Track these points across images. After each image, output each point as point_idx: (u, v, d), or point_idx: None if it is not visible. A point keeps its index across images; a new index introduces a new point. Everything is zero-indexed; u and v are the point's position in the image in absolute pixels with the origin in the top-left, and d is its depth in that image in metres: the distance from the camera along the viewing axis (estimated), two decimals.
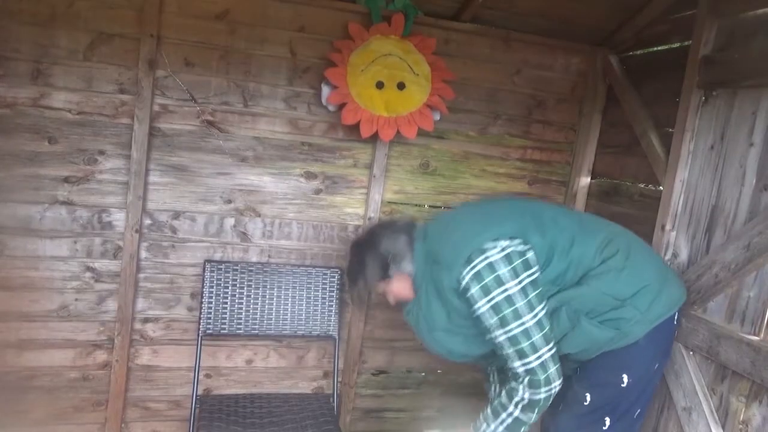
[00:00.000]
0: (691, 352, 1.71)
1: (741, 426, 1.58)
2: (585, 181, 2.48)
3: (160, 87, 2.05)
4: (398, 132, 2.18)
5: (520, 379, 1.56)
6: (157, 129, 2.07)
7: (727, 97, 1.73)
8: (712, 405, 1.66)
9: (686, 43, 1.92)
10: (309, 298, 2.25)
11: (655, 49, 2.24)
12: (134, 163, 2.04)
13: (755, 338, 1.55)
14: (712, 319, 1.68)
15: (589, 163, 2.47)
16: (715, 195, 1.75)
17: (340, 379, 2.37)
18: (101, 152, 2.03)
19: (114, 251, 2.10)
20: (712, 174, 1.76)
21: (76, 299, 2.10)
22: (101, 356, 2.16)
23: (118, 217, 2.09)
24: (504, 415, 1.60)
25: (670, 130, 1.94)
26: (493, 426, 1.62)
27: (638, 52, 2.32)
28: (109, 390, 2.17)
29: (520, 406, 1.57)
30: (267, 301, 2.21)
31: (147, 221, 2.12)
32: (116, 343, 2.14)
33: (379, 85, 2.13)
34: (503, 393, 1.62)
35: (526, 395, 1.55)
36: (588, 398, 1.66)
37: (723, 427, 1.62)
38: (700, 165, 1.82)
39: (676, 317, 1.67)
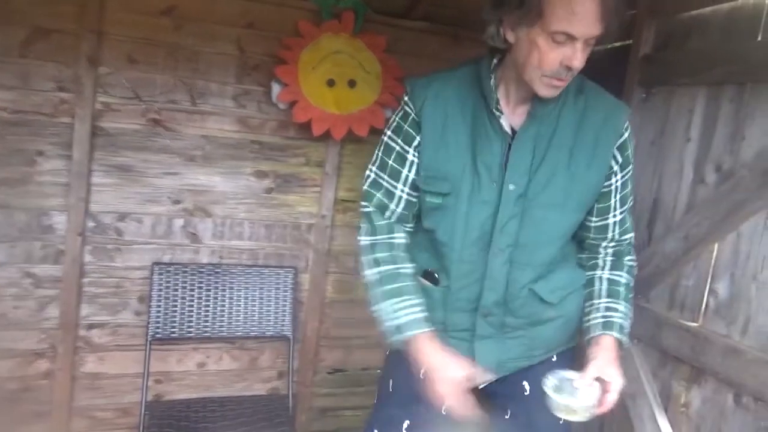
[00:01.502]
0: (635, 340, 1.78)
1: (682, 409, 1.65)
2: None
3: (102, 85, 1.98)
4: (350, 130, 2.17)
5: (631, 250, 1.40)
6: (99, 128, 2.00)
7: (666, 95, 1.80)
8: (654, 390, 1.72)
9: (627, 42, 1.98)
10: (262, 298, 2.23)
11: (597, 47, 2.31)
12: (76, 164, 1.97)
13: (694, 324, 1.62)
14: (654, 307, 1.75)
15: None
16: (656, 188, 1.82)
17: (295, 379, 2.34)
18: (40, 153, 1.95)
19: (55, 256, 2.02)
20: (653, 168, 1.84)
21: (15, 307, 2.00)
22: (43, 365, 2.07)
23: (59, 220, 2.00)
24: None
25: None
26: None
27: None
28: (52, 400, 2.09)
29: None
30: (219, 303, 2.17)
31: (90, 224, 2.05)
32: (59, 351, 2.06)
33: (330, 83, 2.13)
34: (624, 273, 1.36)
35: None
36: None
37: (666, 411, 1.69)
38: (641, 160, 1.88)
39: None
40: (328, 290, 2.40)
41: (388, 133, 1.35)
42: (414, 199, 1.35)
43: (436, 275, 1.35)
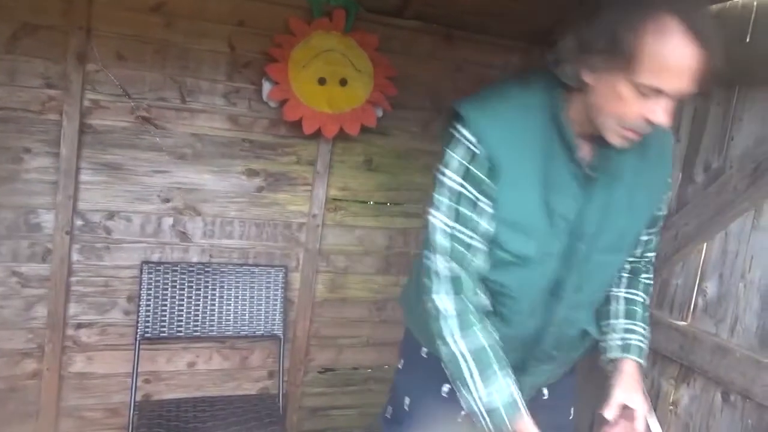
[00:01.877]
0: None
1: (671, 407, 1.66)
2: None
3: (90, 82, 1.95)
4: (341, 128, 2.17)
5: (650, 268, 1.36)
6: (88, 125, 1.98)
7: None
8: (644, 388, 1.73)
9: None
10: (253, 297, 2.22)
11: None
12: (63, 162, 1.95)
13: (683, 323, 1.63)
14: None
15: None
16: None
17: (285, 379, 2.34)
18: (27, 150, 1.92)
19: (43, 254, 2.00)
20: None
21: (2, 306, 1.98)
22: (30, 365, 2.04)
23: (46, 219, 1.98)
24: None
25: None
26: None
27: None
28: (40, 400, 2.06)
29: None
30: (209, 302, 2.16)
31: (79, 222, 2.03)
32: (47, 350, 2.03)
33: (322, 82, 2.12)
34: (640, 292, 1.33)
35: None
36: None
37: (655, 409, 1.70)
38: None
39: None
40: (319, 289, 2.39)
41: (451, 174, 1.13)
42: (487, 249, 1.16)
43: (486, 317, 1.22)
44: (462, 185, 1.12)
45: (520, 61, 2.48)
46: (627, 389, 1.22)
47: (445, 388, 1.34)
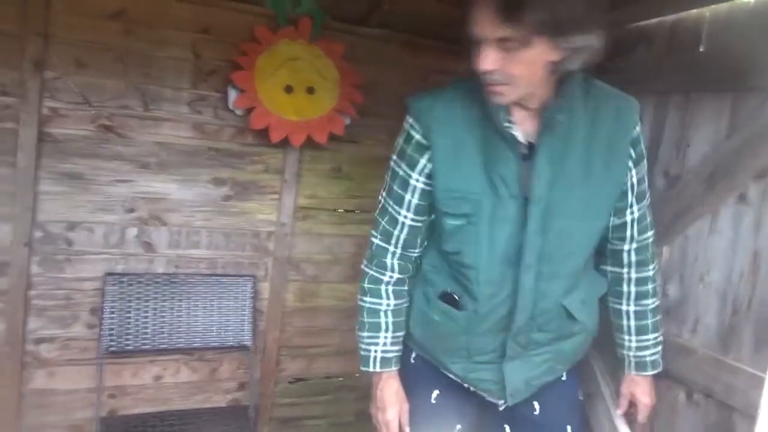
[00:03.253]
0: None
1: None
2: None
3: (49, 89, 1.91)
4: (309, 137, 2.16)
5: (655, 252, 1.41)
6: (47, 134, 1.93)
7: None
8: (611, 390, 1.77)
9: None
10: (221, 308, 2.18)
11: None
12: (21, 172, 1.89)
13: None
14: None
15: None
16: None
17: (256, 390, 2.31)
18: None
19: None
20: None
21: None
22: None
23: (3, 230, 1.92)
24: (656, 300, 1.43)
25: None
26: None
27: None
28: None
29: None
30: (176, 314, 2.12)
31: (38, 233, 1.97)
32: (5, 367, 1.97)
33: (288, 90, 2.11)
34: (648, 300, 1.40)
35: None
36: None
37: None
38: None
39: None
40: (289, 299, 2.37)
41: (393, 157, 1.31)
42: (419, 224, 1.31)
43: (457, 298, 1.29)
44: (398, 164, 1.29)
45: None
46: (636, 391, 1.48)
47: (434, 393, 1.39)
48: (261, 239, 2.28)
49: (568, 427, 1.41)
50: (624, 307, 1.42)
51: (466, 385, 1.37)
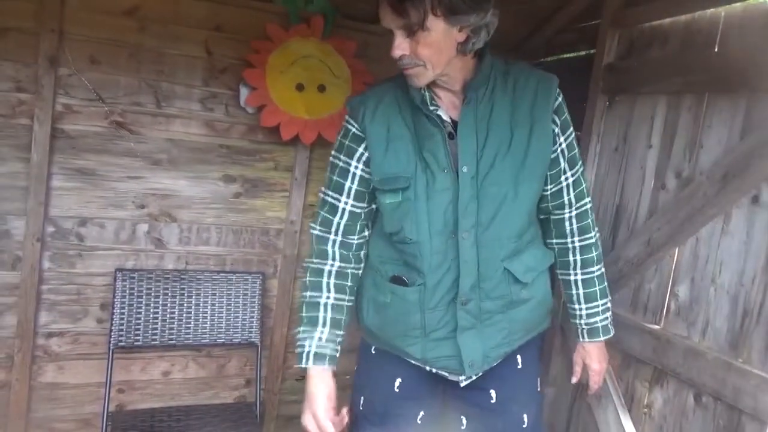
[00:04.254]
0: None
1: (645, 409, 1.69)
2: None
3: (63, 86, 1.92)
4: (319, 134, 2.16)
5: (593, 219, 1.46)
6: (60, 130, 1.95)
7: (628, 103, 1.85)
8: (619, 391, 1.76)
9: (592, 51, 2.03)
10: (230, 304, 2.19)
11: (564, 56, 2.37)
12: (34, 167, 1.91)
13: (656, 327, 1.66)
14: (617, 310, 1.78)
15: None
16: (619, 194, 1.86)
17: (263, 387, 2.31)
18: None
19: (12, 262, 1.95)
20: (616, 174, 1.88)
21: None
22: None
23: (16, 225, 1.94)
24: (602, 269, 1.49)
25: (578, 133, 2.05)
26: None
27: (549, 59, 2.44)
28: (9, 412, 2.01)
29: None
30: (185, 310, 2.13)
31: (50, 229, 1.99)
32: (16, 360, 1.98)
33: (300, 88, 2.12)
34: (593, 267, 1.46)
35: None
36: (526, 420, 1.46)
37: (629, 411, 1.73)
38: (605, 166, 1.93)
39: None
40: (297, 296, 2.37)
41: (333, 152, 1.40)
42: (359, 210, 1.38)
43: (406, 279, 1.35)
44: (336, 157, 1.39)
45: None
46: (588, 358, 1.52)
47: (397, 382, 1.42)
48: (270, 236, 2.29)
49: (525, 416, 1.45)
50: (572, 277, 1.48)
51: (427, 368, 1.40)
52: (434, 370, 1.40)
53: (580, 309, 1.49)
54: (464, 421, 1.44)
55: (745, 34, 1.50)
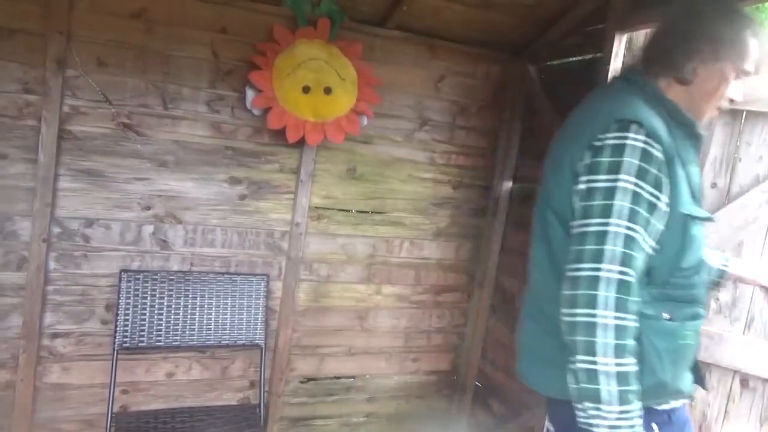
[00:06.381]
0: None
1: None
2: (507, 185, 2.57)
3: (70, 87, 1.93)
4: (325, 137, 2.17)
5: None
6: (67, 132, 1.95)
7: None
8: None
9: (598, 54, 2.03)
10: (234, 306, 2.19)
11: (570, 59, 2.36)
12: (41, 168, 1.91)
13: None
14: None
15: (510, 168, 2.56)
16: None
17: (266, 389, 2.31)
18: (4, 156, 1.89)
19: (18, 262, 1.96)
20: None
21: None
22: (4, 376, 1.99)
23: (23, 226, 1.94)
24: None
25: None
26: None
27: (554, 62, 2.44)
28: (13, 412, 2.01)
29: None
30: (189, 311, 2.13)
31: (56, 230, 1.99)
32: (21, 361, 1.99)
33: (306, 90, 2.12)
34: None
35: None
36: None
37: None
38: None
39: None
40: (301, 298, 2.38)
41: (627, 177, 1.11)
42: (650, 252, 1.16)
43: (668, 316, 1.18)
44: (639, 186, 1.12)
45: (502, 72, 2.50)
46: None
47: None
48: (275, 238, 2.29)
49: None
50: None
51: (665, 407, 1.25)
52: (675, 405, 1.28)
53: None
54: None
55: None
